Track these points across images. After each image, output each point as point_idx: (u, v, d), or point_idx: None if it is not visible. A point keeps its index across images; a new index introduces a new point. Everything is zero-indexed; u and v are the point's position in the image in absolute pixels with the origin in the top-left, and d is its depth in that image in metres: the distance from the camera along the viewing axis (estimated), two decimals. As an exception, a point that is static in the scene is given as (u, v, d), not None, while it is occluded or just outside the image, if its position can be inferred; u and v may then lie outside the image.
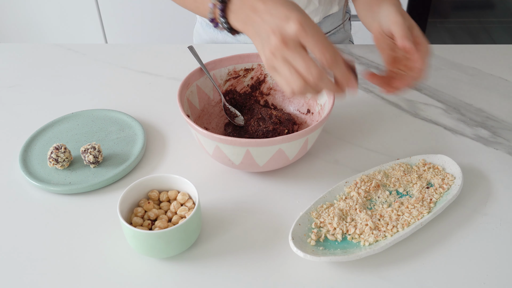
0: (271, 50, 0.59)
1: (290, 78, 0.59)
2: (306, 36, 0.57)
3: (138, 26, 2.19)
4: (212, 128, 0.87)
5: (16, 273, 0.66)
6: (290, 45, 0.58)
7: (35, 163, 0.82)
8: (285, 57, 0.59)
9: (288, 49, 0.58)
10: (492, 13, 2.55)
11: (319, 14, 1.09)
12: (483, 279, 0.65)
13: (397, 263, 0.67)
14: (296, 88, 0.60)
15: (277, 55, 0.59)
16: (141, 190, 0.71)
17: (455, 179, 0.75)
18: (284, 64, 0.59)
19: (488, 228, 0.71)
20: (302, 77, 0.59)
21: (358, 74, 0.64)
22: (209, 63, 0.86)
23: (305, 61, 0.58)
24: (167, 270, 0.66)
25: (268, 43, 0.59)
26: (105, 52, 1.13)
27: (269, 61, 0.60)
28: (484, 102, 0.95)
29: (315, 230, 0.69)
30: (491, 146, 0.85)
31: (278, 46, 0.58)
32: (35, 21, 2.21)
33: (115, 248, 0.69)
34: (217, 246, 0.69)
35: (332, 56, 0.58)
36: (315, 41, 0.58)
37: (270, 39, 0.59)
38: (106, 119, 0.91)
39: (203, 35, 1.19)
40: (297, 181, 0.79)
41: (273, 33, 0.58)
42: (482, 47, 1.12)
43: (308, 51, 0.59)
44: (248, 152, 0.71)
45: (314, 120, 0.86)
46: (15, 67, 1.09)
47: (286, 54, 0.59)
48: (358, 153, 0.84)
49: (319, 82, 0.59)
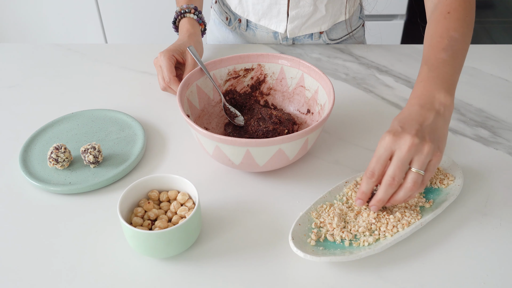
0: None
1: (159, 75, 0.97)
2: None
3: (138, 26, 2.19)
4: (212, 128, 0.87)
5: (16, 273, 0.66)
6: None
7: (35, 163, 0.82)
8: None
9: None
10: (492, 13, 2.55)
11: (327, 22, 1.08)
12: (483, 279, 0.64)
13: (397, 263, 0.67)
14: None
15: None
16: (141, 190, 0.71)
17: (455, 179, 0.75)
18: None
19: (488, 228, 0.71)
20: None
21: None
22: (209, 63, 0.86)
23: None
24: (167, 270, 0.66)
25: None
26: (105, 52, 1.13)
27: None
28: (484, 102, 0.95)
29: (315, 230, 0.69)
30: (491, 146, 0.85)
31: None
32: (35, 21, 2.21)
33: (115, 248, 0.69)
34: (217, 246, 0.69)
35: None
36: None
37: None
38: (106, 119, 0.91)
39: (216, 32, 1.21)
40: (297, 181, 0.79)
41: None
42: (482, 47, 1.12)
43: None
44: (248, 152, 0.71)
45: (314, 120, 0.86)
46: (15, 67, 1.09)
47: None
48: (358, 153, 0.84)
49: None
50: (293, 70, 0.87)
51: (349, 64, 1.07)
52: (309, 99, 0.87)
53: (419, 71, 0.73)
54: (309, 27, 1.08)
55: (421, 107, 0.67)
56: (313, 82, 0.85)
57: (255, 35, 1.13)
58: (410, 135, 0.63)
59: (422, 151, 0.63)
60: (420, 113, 0.66)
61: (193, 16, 1.04)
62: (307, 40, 1.12)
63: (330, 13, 1.07)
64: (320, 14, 1.06)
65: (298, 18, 1.06)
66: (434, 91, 0.68)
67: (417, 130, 0.64)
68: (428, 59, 0.73)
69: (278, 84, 0.90)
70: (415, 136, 0.63)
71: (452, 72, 0.71)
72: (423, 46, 0.78)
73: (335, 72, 1.04)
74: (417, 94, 0.69)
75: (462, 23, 0.77)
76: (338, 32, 1.12)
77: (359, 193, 0.68)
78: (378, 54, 1.10)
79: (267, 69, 0.89)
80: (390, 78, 1.03)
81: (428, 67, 0.72)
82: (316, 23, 1.08)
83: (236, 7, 1.11)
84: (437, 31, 0.76)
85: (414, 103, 0.68)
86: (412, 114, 0.67)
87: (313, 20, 1.07)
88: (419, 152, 0.63)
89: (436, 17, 0.79)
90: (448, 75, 0.71)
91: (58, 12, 2.16)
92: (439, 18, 0.78)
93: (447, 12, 0.78)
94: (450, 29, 0.76)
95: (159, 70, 0.96)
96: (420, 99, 0.68)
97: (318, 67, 0.98)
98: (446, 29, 0.76)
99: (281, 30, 1.08)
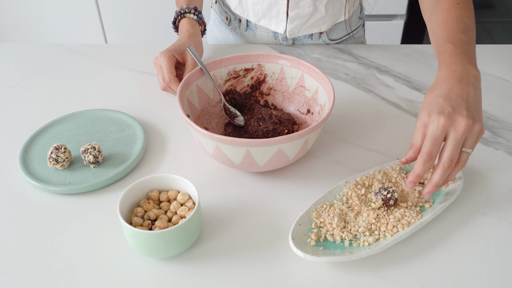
0: None
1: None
2: None
3: (138, 26, 2.19)
4: (212, 128, 0.87)
5: (16, 273, 0.66)
6: None
7: (35, 163, 0.82)
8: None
9: None
10: (492, 13, 2.54)
11: (326, 22, 1.08)
12: (483, 279, 0.64)
13: (397, 263, 0.67)
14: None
15: None
16: (141, 190, 0.71)
17: (455, 179, 0.75)
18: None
19: (488, 228, 0.71)
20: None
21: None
22: (209, 63, 0.86)
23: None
24: (167, 270, 0.66)
25: None
26: (105, 52, 1.13)
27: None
28: (484, 102, 0.95)
29: (315, 230, 0.69)
30: (491, 146, 0.85)
31: None
32: (35, 21, 2.21)
33: (115, 248, 0.69)
34: (217, 246, 0.69)
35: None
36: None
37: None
38: (106, 119, 0.91)
39: (216, 32, 1.21)
40: (297, 181, 0.79)
41: None
42: (482, 47, 1.12)
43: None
44: (248, 152, 0.71)
45: (314, 120, 0.86)
46: (15, 67, 1.09)
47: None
48: (358, 153, 0.84)
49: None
50: (293, 70, 0.87)
51: (349, 64, 1.07)
52: (309, 99, 0.87)
53: (443, 48, 0.75)
54: (309, 28, 1.08)
55: (459, 82, 0.68)
56: (313, 82, 0.85)
57: (255, 35, 1.13)
58: (464, 116, 0.65)
59: (473, 131, 0.65)
60: (462, 89, 0.67)
61: (193, 16, 1.04)
62: (307, 40, 1.12)
63: (330, 14, 1.07)
64: (320, 14, 1.06)
65: (297, 19, 1.06)
66: (466, 65, 0.70)
67: (467, 109, 0.65)
68: (450, 38, 0.75)
69: (278, 84, 0.90)
70: (468, 117, 0.65)
71: (473, 51, 0.75)
72: (436, 31, 0.80)
73: (335, 72, 1.04)
74: (451, 68, 0.70)
75: (471, 14, 0.81)
76: (338, 32, 1.12)
77: (414, 176, 0.66)
78: (378, 54, 1.10)
79: (267, 69, 0.89)
80: (390, 78, 1.03)
81: (453, 44, 0.74)
82: (316, 23, 1.08)
83: (236, 8, 1.11)
84: (451, 17, 0.79)
85: (450, 77, 0.69)
86: (454, 90, 0.68)
87: (313, 20, 1.07)
88: (471, 132, 0.65)
89: (445, 6, 0.82)
90: (471, 53, 0.74)
91: (58, 12, 2.16)
92: (449, 7, 0.81)
93: (456, 3, 0.81)
94: (463, 17, 0.79)
95: (159, 70, 0.96)
96: (455, 73, 0.69)
97: (318, 67, 0.98)
98: (460, 16, 0.79)
99: (281, 31, 1.08)
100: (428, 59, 1.07)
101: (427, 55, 1.08)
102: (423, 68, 1.05)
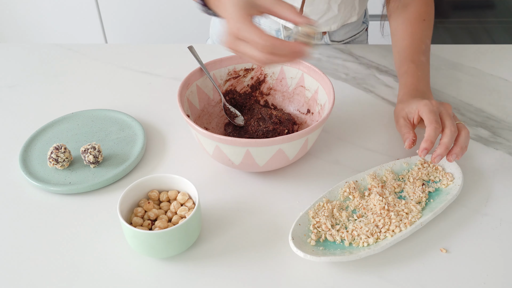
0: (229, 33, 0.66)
1: (251, 52, 0.65)
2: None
3: (138, 26, 2.19)
4: (212, 128, 0.87)
5: (16, 273, 0.66)
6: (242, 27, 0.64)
7: (35, 163, 0.82)
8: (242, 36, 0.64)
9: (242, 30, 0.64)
10: (492, 13, 2.54)
11: (338, 21, 1.08)
12: (483, 279, 0.65)
13: (397, 263, 0.67)
14: (261, 59, 0.65)
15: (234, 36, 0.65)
16: (141, 190, 0.71)
17: (454, 179, 0.75)
18: (242, 43, 0.65)
19: (488, 228, 0.71)
20: (261, 48, 0.64)
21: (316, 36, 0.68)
22: (209, 63, 0.86)
23: (258, 34, 0.63)
24: (167, 270, 0.66)
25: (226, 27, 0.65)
26: (105, 52, 1.13)
27: (229, 44, 0.67)
28: (484, 102, 0.95)
29: (315, 230, 0.69)
30: (491, 146, 0.85)
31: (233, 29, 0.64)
32: (35, 21, 2.21)
33: (115, 248, 0.69)
34: (217, 246, 0.69)
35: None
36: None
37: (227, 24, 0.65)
38: (106, 119, 0.91)
39: (220, 26, 1.20)
40: (297, 181, 0.79)
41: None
42: (482, 47, 1.12)
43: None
44: (248, 152, 0.71)
45: (314, 120, 0.86)
46: (15, 67, 1.09)
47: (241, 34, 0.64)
48: (358, 153, 0.84)
49: (276, 48, 0.63)
50: (293, 70, 0.87)
51: (349, 64, 1.07)
52: (309, 99, 0.87)
53: (406, 67, 0.90)
54: (320, 26, 1.09)
55: (422, 97, 0.84)
56: (313, 82, 0.85)
57: None
58: (442, 102, 0.82)
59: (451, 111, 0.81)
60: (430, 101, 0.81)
61: None
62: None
63: (342, 13, 1.07)
64: (333, 13, 1.06)
65: (311, 15, 1.06)
66: (426, 92, 0.86)
67: (436, 101, 0.81)
68: (413, 59, 0.91)
69: (278, 84, 0.90)
70: (445, 103, 0.81)
71: (429, 76, 0.91)
72: (401, 44, 0.94)
73: (335, 72, 1.04)
74: (413, 88, 0.86)
75: (431, 32, 0.97)
76: (341, 34, 1.12)
77: (428, 143, 0.74)
78: (378, 54, 1.10)
79: (267, 69, 0.89)
80: (390, 78, 1.03)
81: (415, 65, 0.89)
82: (327, 22, 1.08)
83: None
84: (417, 34, 0.94)
85: (416, 96, 0.84)
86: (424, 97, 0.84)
87: (326, 18, 1.07)
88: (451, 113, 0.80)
89: (414, 19, 0.96)
90: (428, 78, 0.90)
91: (58, 12, 2.16)
92: (417, 22, 0.96)
93: (423, 19, 0.96)
94: (426, 37, 0.95)
95: (251, 38, 0.65)
96: (417, 93, 0.84)
97: (318, 67, 0.98)
98: (424, 36, 0.95)
99: (291, 25, 1.08)
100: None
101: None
102: (423, 68, 1.05)
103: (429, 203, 0.73)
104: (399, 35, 0.96)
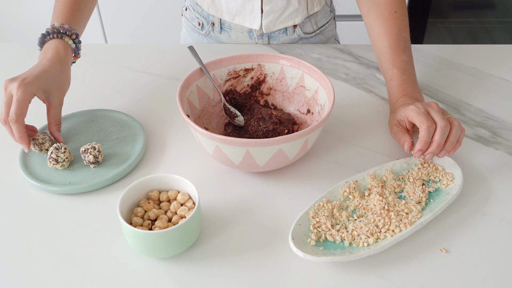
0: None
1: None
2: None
3: (138, 26, 2.19)
4: (212, 128, 0.87)
5: (16, 273, 0.66)
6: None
7: (35, 163, 0.82)
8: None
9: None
10: (492, 13, 2.54)
11: (300, 14, 1.09)
12: (483, 279, 0.65)
13: (397, 263, 0.67)
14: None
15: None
16: (141, 190, 0.71)
17: (454, 179, 0.75)
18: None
19: (488, 228, 0.71)
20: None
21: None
22: (209, 63, 0.86)
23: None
24: (167, 270, 0.66)
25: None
26: (105, 52, 1.13)
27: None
28: (484, 102, 0.95)
29: (315, 230, 0.69)
30: (491, 146, 0.85)
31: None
32: (35, 21, 2.21)
33: (115, 248, 0.69)
34: (217, 246, 0.69)
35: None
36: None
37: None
38: (106, 119, 0.91)
39: (189, 38, 1.21)
40: (297, 181, 0.79)
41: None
42: (482, 47, 1.12)
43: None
44: (248, 152, 0.71)
45: (314, 120, 0.86)
46: (15, 67, 1.09)
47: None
48: (358, 153, 0.84)
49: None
50: (293, 70, 0.87)
51: (349, 64, 1.07)
52: (309, 99, 0.87)
53: (390, 74, 0.88)
54: (284, 21, 1.09)
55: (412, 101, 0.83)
56: (313, 82, 0.85)
57: (230, 36, 1.13)
58: (427, 102, 0.81)
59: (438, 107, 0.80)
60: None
61: (71, 43, 0.89)
62: (282, 36, 1.12)
63: (303, 6, 1.07)
64: (293, 7, 1.07)
65: (272, 13, 1.07)
66: (414, 93, 0.85)
67: (422, 103, 0.81)
68: (395, 62, 0.89)
69: (278, 84, 0.90)
70: (430, 102, 0.81)
71: (414, 72, 0.90)
72: (380, 47, 0.92)
73: (335, 72, 1.04)
74: (403, 95, 0.85)
75: (407, 23, 0.94)
76: (310, 25, 1.13)
77: (422, 144, 0.75)
78: (378, 54, 1.10)
79: (267, 69, 0.89)
80: (390, 78, 1.02)
81: (398, 70, 0.88)
82: (290, 16, 1.08)
83: (209, 7, 1.10)
84: (391, 31, 0.91)
85: (404, 102, 0.83)
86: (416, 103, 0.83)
87: (287, 13, 1.08)
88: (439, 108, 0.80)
89: (383, 14, 0.93)
90: (414, 76, 0.89)
91: (58, 12, 2.16)
92: (387, 16, 0.92)
93: (394, 11, 0.92)
94: (402, 30, 0.91)
95: (7, 98, 0.79)
96: (407, 99, 0.84)
97: (318, 67, 0.98)
98: (399, 30, 0.91)
99: (256, 27, 1.08)
100: (428, 59, 1.07)
101: (427, 55, 1.08)
102: (423, 67, 1.05)
103: (429, 203, 0.73)
104: (375, 34, 0.94)
